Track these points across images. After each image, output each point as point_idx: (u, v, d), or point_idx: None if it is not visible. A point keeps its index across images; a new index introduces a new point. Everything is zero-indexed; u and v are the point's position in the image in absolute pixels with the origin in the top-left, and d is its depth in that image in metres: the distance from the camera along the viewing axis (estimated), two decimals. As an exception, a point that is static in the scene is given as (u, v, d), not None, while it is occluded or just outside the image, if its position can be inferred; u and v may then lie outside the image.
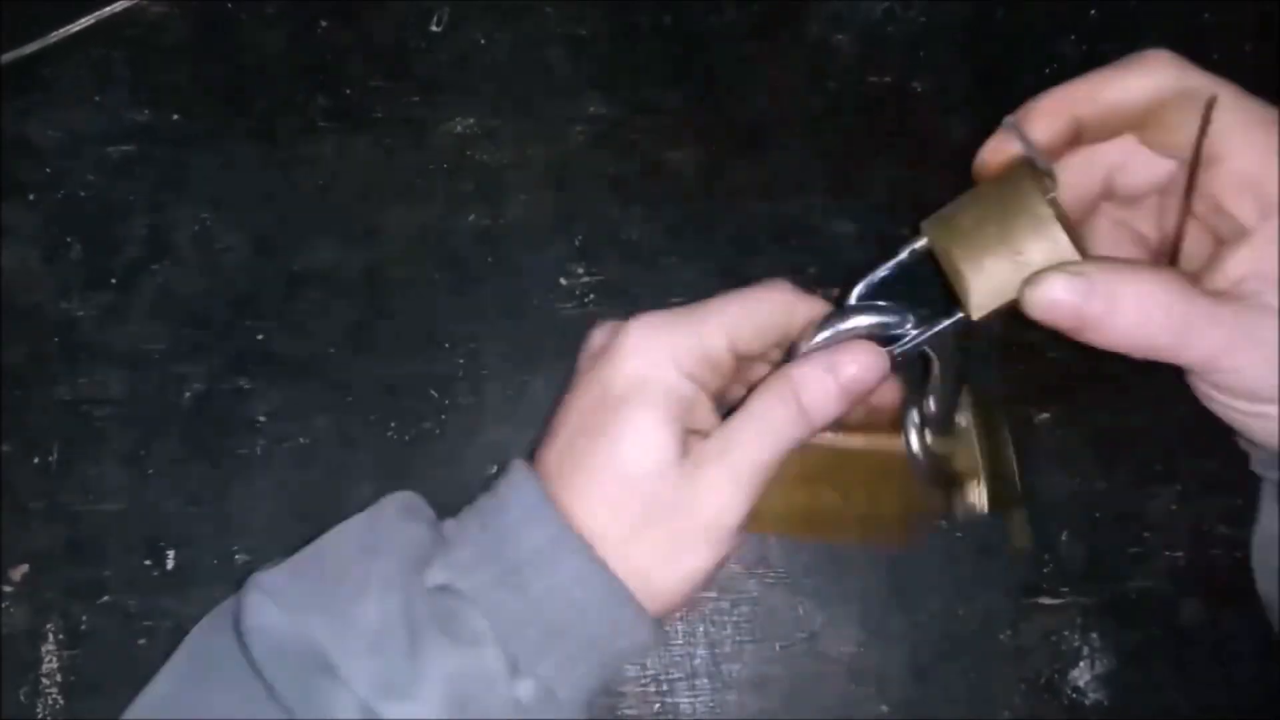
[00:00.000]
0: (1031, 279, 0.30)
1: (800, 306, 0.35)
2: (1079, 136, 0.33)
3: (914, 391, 0.38)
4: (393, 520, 0.34)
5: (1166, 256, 0.33)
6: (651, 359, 0.33)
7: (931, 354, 0.36)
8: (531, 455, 0.35)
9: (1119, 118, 0.32)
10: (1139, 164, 0.34)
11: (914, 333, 0.33)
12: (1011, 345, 0.44)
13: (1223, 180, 0.31)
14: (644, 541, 0.33)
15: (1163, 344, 0.29)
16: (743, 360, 0.34)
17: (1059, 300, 0.29)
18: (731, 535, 0.33)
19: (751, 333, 0.34)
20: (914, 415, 0.38)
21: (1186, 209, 0.32)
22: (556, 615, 0.32)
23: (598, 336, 0.35)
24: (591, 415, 0.33)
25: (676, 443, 0.32)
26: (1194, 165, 0.31)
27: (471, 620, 0.32)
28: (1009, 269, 0.31)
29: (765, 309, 0.34)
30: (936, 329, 0.33)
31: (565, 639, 0.32)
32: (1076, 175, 0.34)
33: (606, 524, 0.32)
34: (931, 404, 0.38)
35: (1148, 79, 0.31)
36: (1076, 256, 0.31)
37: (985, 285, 0.32)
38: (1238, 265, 0.30)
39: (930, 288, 0.34)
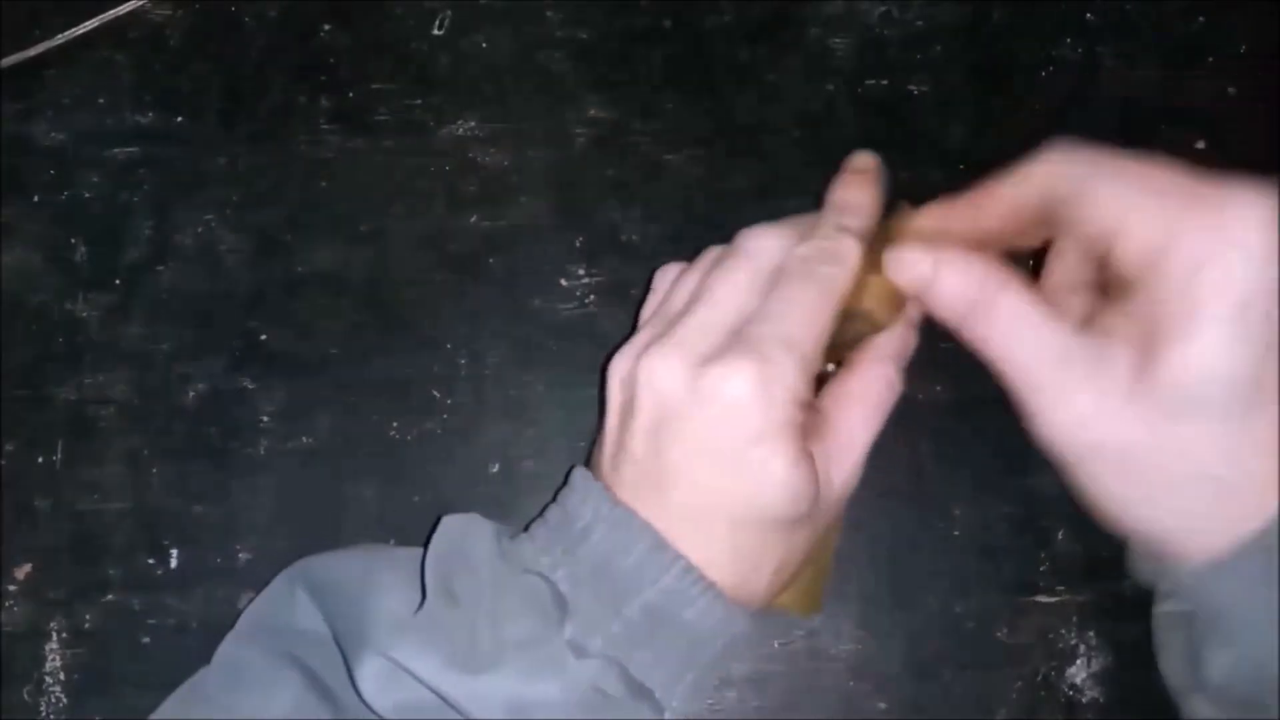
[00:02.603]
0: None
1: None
2: (983, 243, 0.33)
3: None
4: (502, 573, 0.33)
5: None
6: (774, 409, 0.32)
7: None
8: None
9: (1022, 224, 0.32)
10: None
11: None
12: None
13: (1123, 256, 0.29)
14: (764, 565, 0.34)
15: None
16: None
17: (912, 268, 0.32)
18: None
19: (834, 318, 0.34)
20: None
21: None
22: (685, 650, 0.33)
23: (664, 373, 0.33)
24: (715, 468, 0.32)
25: (812, 471, 0.33)
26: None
27: (611, 674, 0.32)
28: None
29: (842, 294, 0.34)
30: None
31: (692, 667, 0.33)
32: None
33: (726, 559, 0.33)
34: None
35: (1023, 188, 0.32)
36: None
37: None
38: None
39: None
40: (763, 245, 0.35)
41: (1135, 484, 0.29)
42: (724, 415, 0.32)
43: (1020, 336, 0.30)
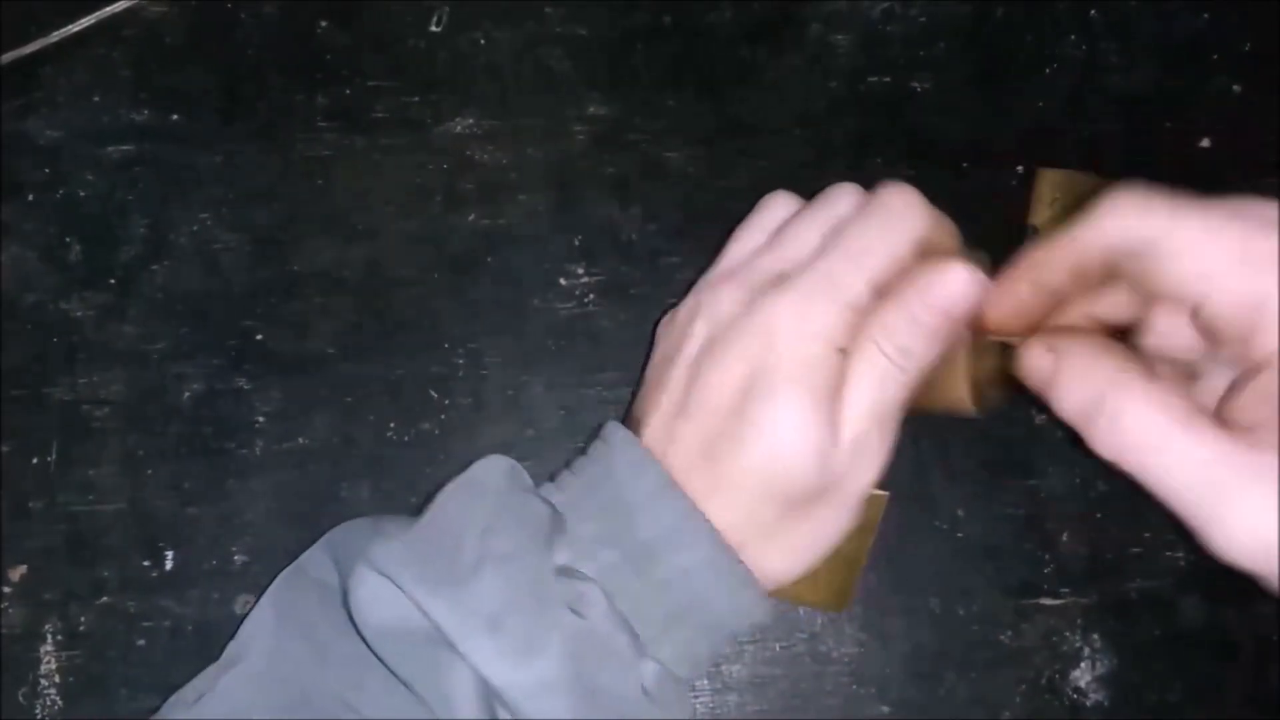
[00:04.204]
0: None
1: (938, 226, 0.33)
2: (1057, 300, 0.32)
3: None
4: (504, 495, 0.33)
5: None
6: (806, 343, 0.31)
7: None
8: (627, 412, 0.36)
9: (1088, 277, 0.31)
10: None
11: None
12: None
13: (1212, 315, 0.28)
14: (778, 534, 0.32)
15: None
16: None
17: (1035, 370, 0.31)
18: (860, 499, 0.33)
19: (893, 271, 0.32)
20: None
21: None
22: (680, 599, 0.32)
23: (726, 301, 0.33)
24: (736, 399, 0.32)
25: (827, 428, 0.31)
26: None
27: (595, 602, 0.31)
28: None
29: (906, 246, 0.33)
30: None
31: (686, 622, 0.32)
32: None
33: (740, 518, 0.32)
34: None
35: (1099, 236, 0.29)
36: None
37: None
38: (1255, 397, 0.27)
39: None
40: (838, 198, 0.35)
41: None
42: (763, 343, 0.32)
43: (1160, 450, 0.26)
